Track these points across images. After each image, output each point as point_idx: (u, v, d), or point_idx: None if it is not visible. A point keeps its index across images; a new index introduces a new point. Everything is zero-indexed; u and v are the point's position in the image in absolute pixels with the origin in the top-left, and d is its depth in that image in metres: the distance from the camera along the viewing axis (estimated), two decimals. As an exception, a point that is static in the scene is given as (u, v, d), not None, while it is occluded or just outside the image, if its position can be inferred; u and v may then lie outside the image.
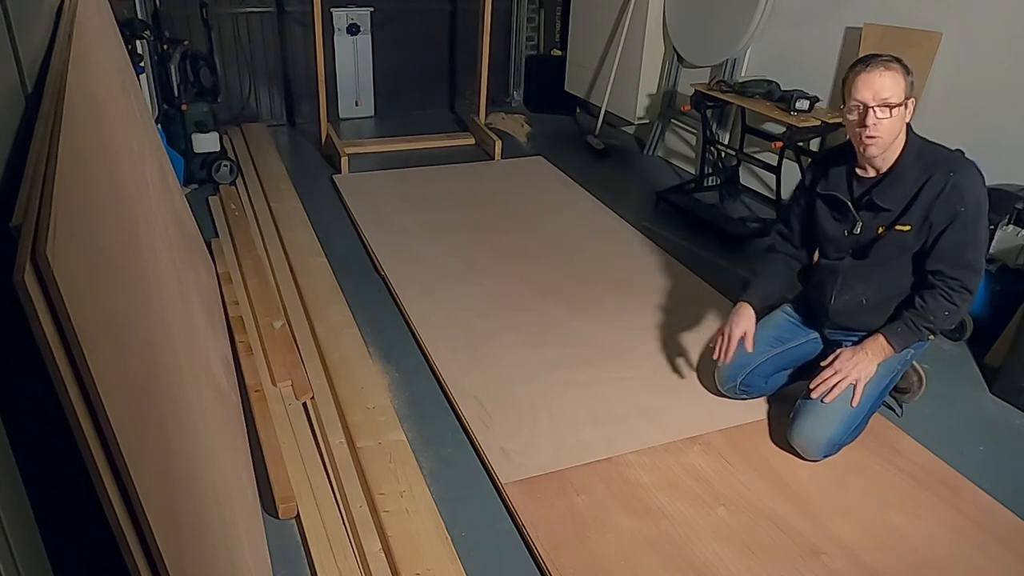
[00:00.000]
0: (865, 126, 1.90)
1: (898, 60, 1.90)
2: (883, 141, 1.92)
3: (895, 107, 1.88)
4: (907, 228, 1.98)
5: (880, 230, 2.03)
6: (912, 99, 1.91)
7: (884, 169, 2.00)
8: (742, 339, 2.21)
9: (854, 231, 2.07)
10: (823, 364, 2.12)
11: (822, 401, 2.07)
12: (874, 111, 1.88)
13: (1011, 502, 2.01)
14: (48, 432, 0.91)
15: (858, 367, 2.06)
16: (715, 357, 2.26)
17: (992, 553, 1.86)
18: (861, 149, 1.97)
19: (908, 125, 1.98)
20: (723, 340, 2.23)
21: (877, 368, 2.07)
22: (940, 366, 2.59)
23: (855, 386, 2.06)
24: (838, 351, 2.11)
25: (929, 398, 2.39)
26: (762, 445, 2.20)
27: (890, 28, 3.13)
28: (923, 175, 1.95)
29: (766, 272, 2.32)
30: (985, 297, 2.67)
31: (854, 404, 2.05)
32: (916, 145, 1.98)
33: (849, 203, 2.06)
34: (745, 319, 2.22)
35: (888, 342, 2.05)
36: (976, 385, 2.55)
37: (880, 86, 1.88)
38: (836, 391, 2.06)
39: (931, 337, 2.07)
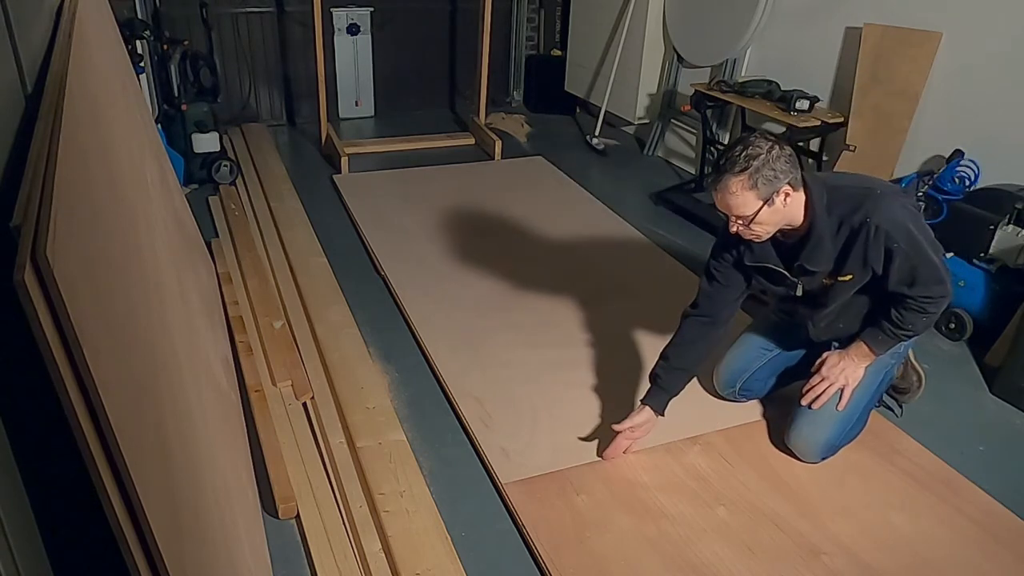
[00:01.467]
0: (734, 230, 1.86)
1: (748, 161, 1.74)
2: (761, 237, 1.88)
3: (752, 216, 1.80)
4: (849, 277, 1.92)
5: (826, 281, 1.97)
6: (785, 186, 1.78)
7: (796, 229, 1.90)
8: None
9: (798, 293, 2.01)
10: (812, 370, 2.11)
11: (810, 408, 2.07)
12: (733, 221, 1.84)
13: (1011, 502, 2.00)
14: (48, 432, 0.91)
15: (845, 372, 2.05)
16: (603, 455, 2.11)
17: (992, 553, 1.86)
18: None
19: (805, 180, 1.86)
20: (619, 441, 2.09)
21: (865, 371, 2.06)
22: (940, 366, 2.59)
23: (842, 390, 2.05)
24: (825, 355, 2.10)
25: (929, 398, 2.39)
26: (762, 445, 2.20)
27: (890, 28, 3.13)
28: (843, 231, 1.86)
29: (669, 372, 2.10)
30: (985, 297, 2.67)
31: (839, 408, 2.05)
32: (822, 200, 1.86)
33: (783, 271, 1.99)
34: (647, 423, 2.08)
35: (870, 349, 2.03)
36: (976, 385, 2.55)
37: (726, 205, 1.81)
38: (824, 398, 2.06)
39: (911, 338, 2.05)
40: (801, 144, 3.37)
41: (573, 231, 3.53)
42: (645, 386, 2.44)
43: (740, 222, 1.83)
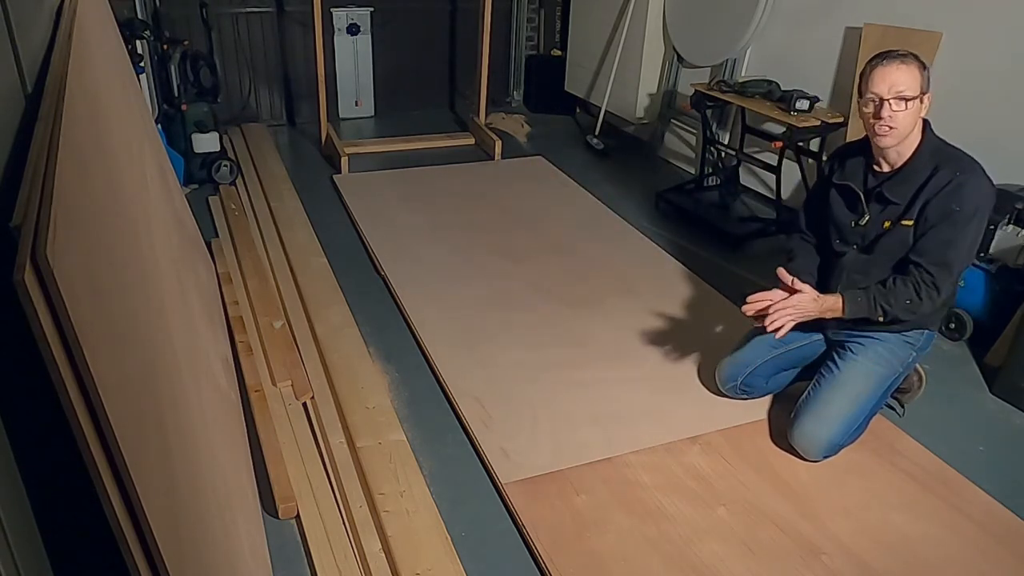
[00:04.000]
0: (880, 118, 1.93)
1: (915, 56, 1.94)
2: (898, 132, 1.95)
3: (910, 100, 1.91)
4: (910, 223, 2.00)
5: (886, 225, 2.04)
6: (928, 94, 1.94)
7: (899, 164, 2.02)
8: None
9: (860, 222, 2.09)
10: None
11: (756, 325, 2.06)
12: (889, 103, 1.92)
13: (1011, 502, 2.01)
14: (48, 432, 0.91)
15: (802, 304, 2.00)
16: (763, 322, 2.08)
17: (992, 553, 1.86)
18: (876, 140, 1.99)
19: (927, 125, 2.01)
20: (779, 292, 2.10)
21: (875, 376, 2.08)
22: (940, 366, 2.59)
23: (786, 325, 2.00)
24: (800, 295, 2.04)
25: (929, 398, 2.39)
26: (762, 445, 2.20)
27: (890, 28, 3.13)
28: (932, 175, 1.97)
29: (800, 262, 2.23)
30: (985, 297, 2.66)
31: (775, 333, 1.99)
32: (932, 144, 2.00)
33: (861, 194, 2.08)
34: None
35: (842, 303, 2.02)
36: (976, 385, 2.55)
37: (895, 79, 1.91)
38: (770, 319, 1.99)
39: (880, 319, 2.01)
40: (801, 144, 3.37)
41: (573, 231, 3.53)
42: (645, 386, 2.45)
43: (897, 100, 1.91)
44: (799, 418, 2.11)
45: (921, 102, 1.93)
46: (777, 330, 2.01)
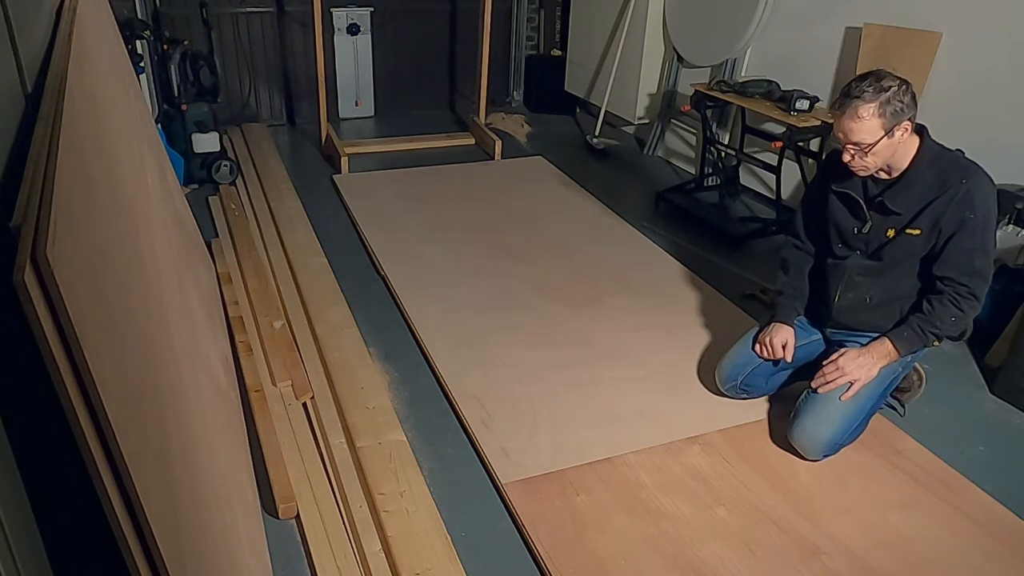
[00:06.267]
0: (851, 156, 1.93)
1: (879, 92, 1.84)
2: (872, 167, 1.95)
3: (870, 146, 1.88)
4: (917, 232, 1.99)
5: (890, 233, 2.03)
6: (906, 121, 1.88)
7: (897, 173, 2.00)
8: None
9: (863, 230, 2.08)
10: (826, 362, 2.12)
11: (815, 392, 2.09)
12: (848, 149, 1.92)
13: (1011, 502, 2.01)
14: (48, 432, 0.91)
15: (862, 368, 2.07)
16: (772, 359, 2.26)
17: (992, 553, 1.86)
18: (854, 171, 1.99)
19: (924, 131, 1.98)
20: (765, 349, 2.24)
21: (878, 372, 2.07)
22: (940, 366, 2.59)
23: (852, 384, 2.06)
24: (844, 349, 2.12)
25: (929, 398, 2.39)
26: (762, 445, 2.20)
27: (890, 28, 3.13)
28: (937, 181, 1.94)
29: (792, 284, 2.29)
30: (985, 297, 2.66)
31: (844, 398, 2.06)
32: (932, 151, 1.97)
33: (862, 202, 2.06)
34: (784, 331, 2.23)
35: (894, 346, 2.06)
36: (976, 385, 2.55)
37: (849, 130, 1.88)
38: (831, 386, 2.08)
39: (936, 343, 2.07)
40: (801, 144, 3.37)
41: (573, 231, 3.53)
42: (644, 386, 2.45)
43: (857, 150, 1.90)
44: (799, 417, 2.11)
45: (891, 136, 1.87)
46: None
